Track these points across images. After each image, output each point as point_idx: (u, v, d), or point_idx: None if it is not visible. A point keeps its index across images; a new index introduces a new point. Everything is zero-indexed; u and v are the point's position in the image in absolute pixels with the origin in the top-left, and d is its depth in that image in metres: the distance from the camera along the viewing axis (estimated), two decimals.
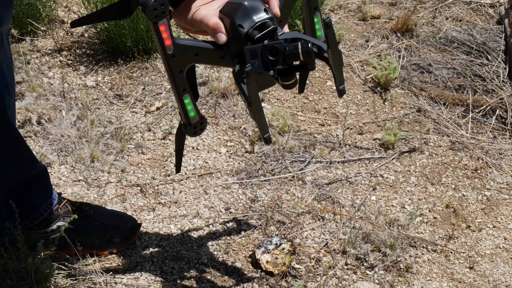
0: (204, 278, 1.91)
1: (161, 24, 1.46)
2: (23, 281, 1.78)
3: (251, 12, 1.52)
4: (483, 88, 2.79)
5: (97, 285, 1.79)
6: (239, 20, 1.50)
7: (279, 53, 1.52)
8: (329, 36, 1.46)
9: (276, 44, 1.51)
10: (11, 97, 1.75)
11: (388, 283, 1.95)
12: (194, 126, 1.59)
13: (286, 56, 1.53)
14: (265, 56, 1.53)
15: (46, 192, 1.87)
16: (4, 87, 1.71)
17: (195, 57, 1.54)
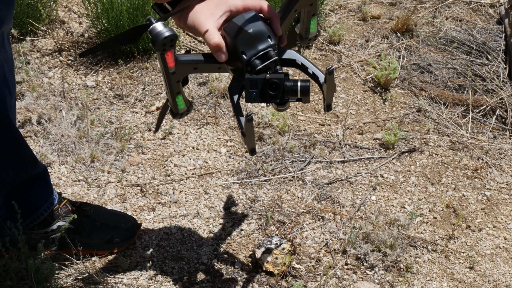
0: (204, 278, 1.91)
1: (167, 53, 1.53)
2: (24, 281, 1.78)
3: (255, 40, 1.57)
4: (483, 88, 2.79)
5: (97, 285, 1.79)
6: (242, 47, 1.56)
7: (279, 88, 1.60)
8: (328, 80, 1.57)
9: (276, 80, 1.59)
10: (12, 97, 1.76)
11: (388, 283, 1.95)
12: (181, 113, 1.67)
13: (284, 92, 1.60)
14: (264, 89, 1.61)
15: (46, 192, 1.88)
16: (5, 87, 1.71)
17: (194, 70, 1.59)
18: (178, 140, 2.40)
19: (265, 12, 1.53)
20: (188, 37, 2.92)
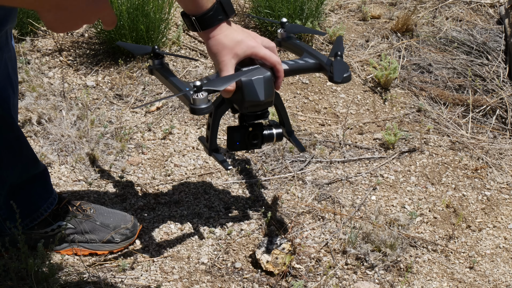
0: (204, 278, 1.91)
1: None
2: (24, 281, 1.78)
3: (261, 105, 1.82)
4: (483, 88, 2.79)
5: (97, 285, 1.79)
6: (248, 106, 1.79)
7: (259, 138, 1.90)
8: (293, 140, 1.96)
9: (258, 132, 1.88)
10: (15, 96, 1.76)
11: (388, 283, 1.95)
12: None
13: (263, 140, 1.90)
14: (247, 140, 1.88)
15: (46, 192, 1.87)
16: (9, 86, 1.71)
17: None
18: (178, 140, 2.40)
19: (276, 71, 1.74)
20: (188, 37, 2.92)
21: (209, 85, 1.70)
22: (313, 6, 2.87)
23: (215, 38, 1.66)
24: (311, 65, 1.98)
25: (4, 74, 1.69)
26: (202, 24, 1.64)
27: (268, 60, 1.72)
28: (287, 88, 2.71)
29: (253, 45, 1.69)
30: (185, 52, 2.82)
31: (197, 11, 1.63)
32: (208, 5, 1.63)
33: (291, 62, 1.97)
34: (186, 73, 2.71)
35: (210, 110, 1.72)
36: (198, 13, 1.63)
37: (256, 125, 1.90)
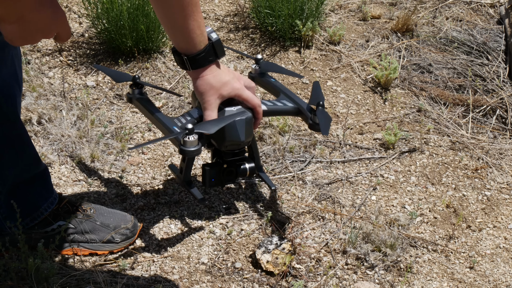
0: (205, 278, 1.91)
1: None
2: (24, 281, 1.78)
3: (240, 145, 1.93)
4: (484, 88, 2.79)
5: (97, 285, 1.79)
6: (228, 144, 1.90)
7: (233, 174, 2.00)
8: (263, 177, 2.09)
9: (233, 169, 1.98)
10: (20, 94, 1.76)
11: (389, 283, 1.95)
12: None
13: (237, 174, 2.00)
14: (222, 176, 1.99)
15: (47, 191, 1.87)
16: (15, 83, 1.71)
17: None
18: None
19: (256, 113, 1.86)
20: None
21: (199, 128, 1.79)
22: (313, 6, 2.87)
23: (203, 78, 1.73)
24: (290, 108, 2.07)
25: (11, 71, 1.69)
26: (193, 64, 1.70)
27: (250, 102, 1.83)
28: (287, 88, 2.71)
29: (238, 87, 1.78)
30: None
31: (189, 51, 1.68)
32: (201, 47, 1.68)
33: (270, 104, 2.07)
34: (186, 73, 2.71)
35: (200, 152, 1.81)
36: (190, 53, 1.68)
37: (231, 161, 1.99)
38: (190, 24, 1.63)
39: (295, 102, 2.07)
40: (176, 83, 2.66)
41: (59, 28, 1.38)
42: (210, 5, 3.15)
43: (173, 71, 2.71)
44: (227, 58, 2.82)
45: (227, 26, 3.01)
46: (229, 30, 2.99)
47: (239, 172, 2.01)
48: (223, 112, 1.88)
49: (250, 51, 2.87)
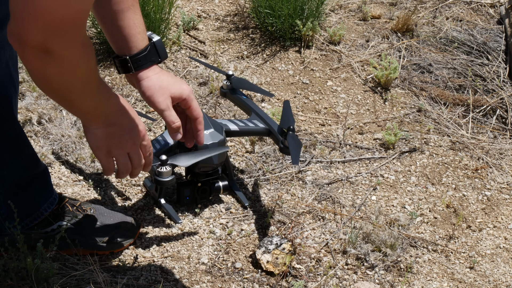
0: (205, 278, 1.91)
1: None
2: (24, 281, 1.77)
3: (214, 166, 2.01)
4: (484, 88, 2.79)
5: (97, 285, 1.79)
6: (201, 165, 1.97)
7: (207, 192, 2.07)
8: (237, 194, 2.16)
9: (206, 187, 2.06)
10: (16, 95, 1.75)
11: (389, 283, 1.95)
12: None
13: (211, 192, 2.08)
14: (196, 194, 2.06)
15: (47, 191, 1.87)
16: (11, 85, 1.71)
17: None
18: None
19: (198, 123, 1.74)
20: (188, 37, 2.92)
21: (173, 161, 1.86)
22: (313, 6, 2.87)
23: (149, 79, 1.65)
24: (260, 129, 2.14)
25: (6, 73, 1.69)
26: (135, 63, 1.63)
27: (194, 112, 1.70)
28: (287, 88, 2.71)
29: (188, 88, 1.68)
30: (186, 52, 2.82)
31: (130, 50, 1.63)
32: (142, 45, 1.63)
33: (241, 124, 2.13)
34: (186, 73, 2.71)
35: (174, 183, 1.88)
36: (131, 52, 1.63)
37: (205, 180, 2.05)
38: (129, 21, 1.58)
39: (266, 123, 2.12)
40: None
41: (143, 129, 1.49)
42: (210, 5, 3.15)
43: (173, 71, 2.71)
44: (227, 58, 2.82)
45: (227, 26, 3.01)
46: (229, 30, 2.99)
47: (213, 190, 2.07)
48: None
49: (250, 51, 2.87)
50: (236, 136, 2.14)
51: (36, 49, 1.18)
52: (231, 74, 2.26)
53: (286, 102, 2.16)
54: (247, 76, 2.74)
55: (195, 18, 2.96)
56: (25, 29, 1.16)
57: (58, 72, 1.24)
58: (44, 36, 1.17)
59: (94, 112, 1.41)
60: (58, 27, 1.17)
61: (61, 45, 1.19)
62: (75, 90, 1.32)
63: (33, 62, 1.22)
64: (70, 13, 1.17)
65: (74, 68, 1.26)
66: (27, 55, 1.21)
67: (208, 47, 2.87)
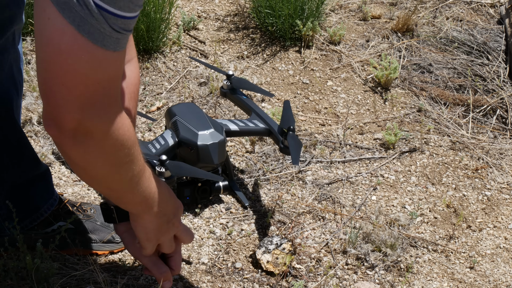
0: (205, 278, 1.91)
1: None
2: (24, 281, 1.77)
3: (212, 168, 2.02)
4: (484, 88, 2.79)
5: (97, 285, 1.79)
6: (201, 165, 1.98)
7: (207, 192, 2.07)
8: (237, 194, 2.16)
9: (206, 187, 2.05)
10: (19, 97, 1.75)
11: (389, 283, 1.95)
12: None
13: (211, 192, 2.07)
14: (196, 194, 2.07)
15: (47, 192, 1.87)
16: (13, 87, 1.71)
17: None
18: None
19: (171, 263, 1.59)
20: (188, 37, 2.93)
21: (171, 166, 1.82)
22: (313, 6, 2.87)
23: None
24: (261, 129, 2.14)
25: (9, 76, 1.69)
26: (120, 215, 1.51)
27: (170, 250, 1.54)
28: (288, 88, 2.71)
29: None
30: (186, 52, 2.82)
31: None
32: None
33: (241, 124, 2.13)
34: (186, 73, 2.71)
35: (174, 183, 1.89)
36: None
37: (205, 180, 2.05)
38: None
39: (266, 123, 2.12)
40: (176, 83, 2.66)
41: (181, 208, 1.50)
42: (210, 5, 3.15)
43: (173, 71, 2.71)
44: (227, 58, 2.82)
45: (227, 26, 3.01)
46: (229, 30, 2.99)
47: (213, 190, 2.07)
48: (195, 135, 1.96)
49: (251, 51, 2.87)
50: (236, 136, 2.14)
51: (76, 132, 1.10)
52: (231, 74, 2.26)
53: (286, 102, 2.16)
54: (247, 76, 2.74)
55: (195, 18, 2.96)
56: (61, 109, 1.08)
57: (101, 154, 1.16)
58: (82, 113, 1.09)
59: (147, 202, 1.33)
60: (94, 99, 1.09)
61: (100, 120, 1.12)
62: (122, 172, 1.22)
63: (74, 150, 1.13)
64: (104, 79, 1.10)
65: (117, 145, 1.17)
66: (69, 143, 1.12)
67: (208, 47, 2.87)
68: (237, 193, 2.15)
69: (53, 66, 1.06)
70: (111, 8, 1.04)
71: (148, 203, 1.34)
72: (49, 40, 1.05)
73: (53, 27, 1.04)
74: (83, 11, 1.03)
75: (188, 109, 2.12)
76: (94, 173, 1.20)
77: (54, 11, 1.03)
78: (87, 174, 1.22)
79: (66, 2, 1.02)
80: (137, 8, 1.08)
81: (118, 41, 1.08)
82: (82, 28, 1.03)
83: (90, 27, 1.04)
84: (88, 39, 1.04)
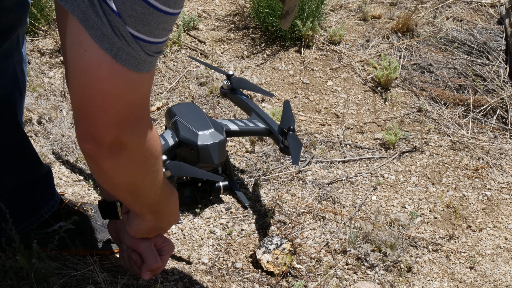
0: (205, 278, 1.91)
1: None
2: (24, 281, 1.77)
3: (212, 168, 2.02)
4: (484, 88, 2.79)
5: (97, 285, 1.79)
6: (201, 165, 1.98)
7: (207, 192, 2.07)
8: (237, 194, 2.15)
9: (207, 187, 2.06)
10: (22, 99, 1.75)
11: (389, 283, 1.95)
12: None
13: (211, 192, 2.07)
14: (196, 194, 2.07)
15: (48, 193, 1.87)
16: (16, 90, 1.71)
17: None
18: None
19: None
20: (188, 37, 2.93)
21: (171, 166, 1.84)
22: (313, 6, 2.87)
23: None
24: (261, 129, 2.14)
25: (12, 79, 1.69)
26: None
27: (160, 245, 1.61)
28: (288, 88, 2.71)
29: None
30: (186, 52, 2.82)
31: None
32: None
33: (242, 124, 2.13)
34: (186, 73, 2.71)
35: (174, 183, 1.87)
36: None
37: (205, 180, 2.05)
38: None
39: (266, 123, 2.12)
40: (176, 83, 2.66)
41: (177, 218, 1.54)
42: (211, 5, 3.15)
43: (173, 71, 2.71)
44: (227, 58, 2.82)
45: (227, 26, 3.01)
46: (229, 30, 2.99)
47: (213, 190, 2.07)
48: (195, 135, 1.96)
49: (251, 51, 2.87)
50: (236, 136, 2.14)
51: (112, 145, 1.17)
52: (231, 74, 2.26)
53: (286, 102, 2.16)
54: (247, 76, 2.74)
55: (195, 18, 2.96)
56: (99, 126, 1.15)
57: (131, 165, 1.24)
58: (119, 128, 1.16)
59: (154, 208, 1.43)
60: (128, 115, 1.16)
61: (133, 133, 1.19)
62: (145, 182, 1.31)
63: (108, 160, 1.20)
64: (138, 97, 1.17)
65: (146, 155, 1.25)
66: (103, 155, 1.19)
67: (208, 47, 2.87)
68: (237, 193, 2.15)
69: (91, 91, 1.12)
70: (147, 37, 1.10)
71: (157, 209, 1.44)
72: (86, 70, 1.11)
73: (91, 58, 1.09)
74: (120, 42, 1.08)
75: (188, 109, 2.12)
76: (120, 180, 1.28)
77: (91, 43, 1.08)
78: (111, 181, 1.29)
79: (104, 34, 1.07)
80: (169, 33, 1.14)
81: (151, 63, 1.15)
82: (119, 57, 1.09)
83: (126, 55, 1.10)
84: (125, 66, 1.10)
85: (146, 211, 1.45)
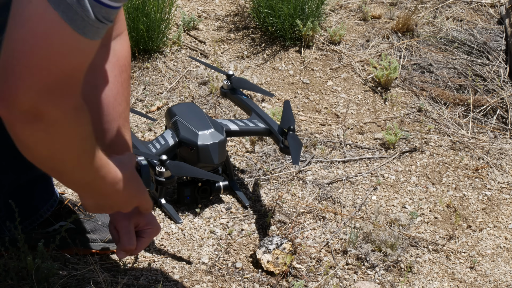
0: (205, 278, 1.91)
1: None
2: (24, 281, 1.77)
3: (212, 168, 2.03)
4: (484, 88, 2.79)
5: (98, 284, 1.79)
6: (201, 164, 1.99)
7: (207, 192, 2.08)
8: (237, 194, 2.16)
9: (207, 187, 2.06)
10: None
11: (389, 283, 1.95)
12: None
13: (211, 192, 2.08)
14: (196, 194, 2.07)
15: (47, 193, 1.87)
16: None
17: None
18: None
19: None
20: (188, 37, 2.93)
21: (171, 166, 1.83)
22: (313, 6, 2.87)
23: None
24: (261, 129, 2.14)
25: None
26: None
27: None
28: (288, 88, 2.71)
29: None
30: (186, 52, 2.82)
31: None
32: None
33: (242, 124, 2.13)
34: (186, 73, 2.71)
35: (174, 183, 1.88)
36: None
37: (205, 180, 2.04)
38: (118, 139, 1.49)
39: (267, 123, 2.12)
40: (176, 83, 2.66)
41: (137, 204, 1.45)
42: (211, 5, 3.15)
43: (173, 71, 2.71)
44: (227, 58, 2.82)
45: (227, 26, 3.01)
46: (229, 30, 2.99)
47: (214, 190, 2.07)
48: (196, 135, 1.96)
49: (251, 51, 2.87)
50: (236, 136, 2.14)
51: (26, 113, 1.08)
52: (231, 74, 2.26)
53: (286, 102, 2.16)
54: (247, 76, 2.74)
55: (195, 18, 2.96)
56: (17, 88, 1.06)
57: (48, 140, 1.16)
58: (38, 97, 1.07)
59: (86, 188, 1.34)
60: (53, 86, 1.08)
61: (54, 107, 1.10)
62: (67, 161, 1.23)
63: (21, 130, 1.13)
64: (70, 67, 1.09)
65: (66, 134, 1.16)
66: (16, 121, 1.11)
67: (208, 47, 2.87)
68: (237, 193, 2.15)
69: (23, 46, 1.05)
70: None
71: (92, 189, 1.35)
72: (26, 22, 1.04)
73: (34, 10, 1.03)
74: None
75: (188, 109, 2.12)
76: (38, 153, 1.21)
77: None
78: (31, 153, 1.21)
79: None
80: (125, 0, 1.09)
81: (97, 31, 1.08)
82: (65, 14, 1.03)
83: (74, 14, 1.03)
84: (70, 25, 1.04)
85: (75, 189, 1.37)
